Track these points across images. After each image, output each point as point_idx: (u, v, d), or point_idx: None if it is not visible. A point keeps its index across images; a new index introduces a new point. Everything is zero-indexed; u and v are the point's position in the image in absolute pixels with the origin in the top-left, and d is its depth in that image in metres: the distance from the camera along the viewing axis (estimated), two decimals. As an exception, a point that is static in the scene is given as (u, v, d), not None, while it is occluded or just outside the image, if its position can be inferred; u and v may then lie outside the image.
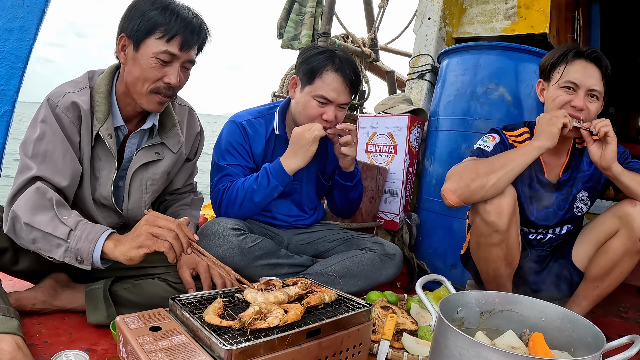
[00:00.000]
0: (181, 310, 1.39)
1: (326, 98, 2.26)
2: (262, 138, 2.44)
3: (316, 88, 2.26)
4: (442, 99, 3.09)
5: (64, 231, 1.60)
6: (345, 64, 2.27)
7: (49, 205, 1.65)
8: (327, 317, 1.42)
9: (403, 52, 5.87)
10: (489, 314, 1.44)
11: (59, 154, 1.76)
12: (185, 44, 1.79)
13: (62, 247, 1.60)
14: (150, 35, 1.75)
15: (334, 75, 2.25)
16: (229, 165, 2.37)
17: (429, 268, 2.96)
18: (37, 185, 1.69)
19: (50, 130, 1.76)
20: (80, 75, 1.94)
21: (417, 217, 3.08)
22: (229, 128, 2.44)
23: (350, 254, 2.42)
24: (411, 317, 2.03)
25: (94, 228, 1.62)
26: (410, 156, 3.23)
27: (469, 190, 1.97)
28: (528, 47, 2.87)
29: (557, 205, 2.24)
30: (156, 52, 1.75)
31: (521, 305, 1.43)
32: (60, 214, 1.64)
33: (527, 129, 2.28)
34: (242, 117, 2.45)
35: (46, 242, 1.62)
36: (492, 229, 1.98)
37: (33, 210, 1.63)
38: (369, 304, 1.54)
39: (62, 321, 1.90)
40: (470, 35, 3.73)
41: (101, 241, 1.60)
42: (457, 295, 1.39)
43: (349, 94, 2.30)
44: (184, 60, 1.83)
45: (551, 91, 2.15)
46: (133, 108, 1.92)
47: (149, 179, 2.00)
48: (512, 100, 2.83)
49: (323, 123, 2.28)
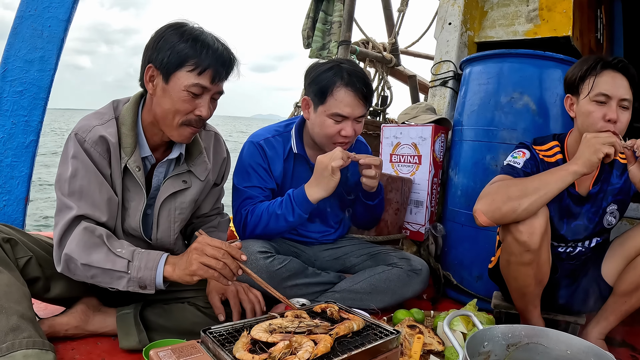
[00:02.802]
0: (213, 343, 1.40)
1: (341, 115, 2.25)
2: (280, 157, 2.44)
3: (329, 107, 2.26)
4: (466, 108, 3.06)
5: (123, 264, 1.69)
6: (354, 77, 2.26)
7: (99, 242, 1.72)
8: (356, 346, 1.43)
9: (424, 54, 5.84)
10: (515, 346, 1.44)
11: (94, 189, 1.79)
12: (217, 76, 1.80)
13: (125, 279, 1.70)
14: (181, 68, 1.76)
15: (345, 90, 2.24)
16: (248, 188, 2.38)
17: (455, 279, 2.94)
18: (85, 225, 1.74)
19: (82, 165, 1.78)
20: (105, 106, 1.95)
21: (442, 227, 3.06)
22: (248, 149, 2.44)
23: (377, 270, 2.42)
24: (438, 336, 2.02)
25: (150, 255, 1.72)
26: (435, 166, 3.21)
27: (500, 212, 1.94)
28: (552, 54, 2.81)
29: (587, 219, 2.20)
30: (187, 85, 1.76)
31: (547, 338, 1.43)
32: (113, 247, 1.72)
33: (557, 143, 2.24)
34: (260, 137, 2.45)
35: (106, 277, 1.72)
36: (524, 248, 1.95)
37: (87, 250, 1.70)
38: (397, 330, 1.54)
39: (94, 346, 1.93)
40: (492, 39, 3.68)
41: (161, 267, 1.71)
42: (484, 331, 1.40)
43: (363, 106, 2.29)
44: (214, 92, 1.84)
45: (583, 106, 2.08)
46: (160, 138, 1.94)
47: (177, 208, 2.01)
48: (536, 109, 2.78)
49: (342, 139, 2.28)
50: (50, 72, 2.36)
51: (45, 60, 2.36)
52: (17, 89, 2.35)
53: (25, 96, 2.34)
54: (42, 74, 2.36)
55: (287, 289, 2.19)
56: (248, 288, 2.04)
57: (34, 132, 2.36)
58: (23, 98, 2.34)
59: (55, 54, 2.37)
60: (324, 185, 2.20)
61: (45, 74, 2.36)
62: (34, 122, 2.36)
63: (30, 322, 1.62)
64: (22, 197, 2.46)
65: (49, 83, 2.37)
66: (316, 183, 2.22)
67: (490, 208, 1.97)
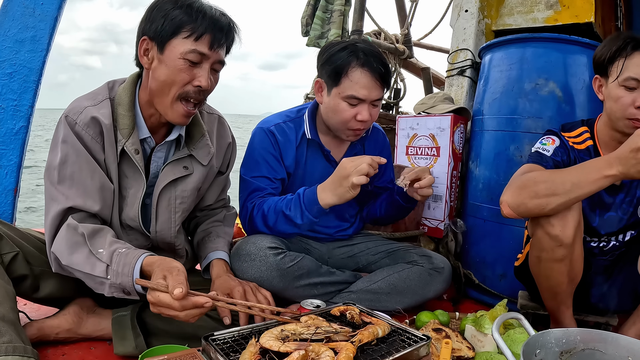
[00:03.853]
0: (216, 352, 1.22)
1: (357, 97, 2.10)
2: (292, 143, 2.27)
3: (344, 89, 2.10)
4: (487, 96, 2.89)
5: (102, 269, 1.54)
6: (371, 57, 2.10)
7: (81, 241, 1.57)
8: (382, 355, 1.25)
9: (437, 47, 5.68)
10: (569, 353, 1.27)
11: (86, 175, 1.64)
12: (215, 42, 1.65)
13: (106, 284, 1.55)
14: (177, 34, 1.62)
15: (361, 71, 2.09)
16: (256, 179, 2.21)
17: (477, 278, 2.77)
18: (68, 222, 1.60)
19: (72, 150, 1.63)
20: (99, 87, 1.80)
21: (463, 223, 2.89)
22: (258, 136, 2.27)
23: (396, 268, 2.26)
24: (467, 341, 1.84)
25: (127, 258, 1.53)
26: (455, 159, 3.04)
27: (526, 208, 1.77)
28: (578, 38, 2.65)
29: (621, 210, 2.05)
30: (184, 52, 1.61)
31: (605, 343, 1.25)
32: (94, 248, 1.56)
33: (586, 129, 2.09)
34: (271, 122, 2.29)
35: (90, 281, 1.59)
36: (556, 243, 1.77)
37: (69, 249, 1.58)
38: (427, 336, 1.37)
39: (87, 351, 1.76)
40: (511, 27, 3.52)
41: (137, 272, 1.51)
42: (537, 337, 1.23)
43: (380, 88, 2.13)
44: (213, 60, 1.68)
45: (611, 89, 1.94)
46: (158, 119, 1.78)
47: (178, 197, 1.85)
48: (563, 96, 2.62)
49: (357, 125, 2.13)
50: (42, 52, 2.23)
51: (37, 40, 2.22)
52: (6, 70, 2.22)
53: (15, 79, 2.21)
54: (33, 55, 2.23)
55: (300, 289, 2.02)
56: (257, 287, 1.87)
57: (24, 117, 2.23)
58: (13, 81, 2.21)
59: (47, 34, 2.23)
60: (339, 195, 2.00)
61: (37, 55, 2.23)
62: (24, 107, 2.23)
63: (11, 324, 1.45)
64: (11, 189, 2.30)
65: (40, 65, 2.23)
66: (331, 188, 2.01)
67: (516, 202, 1.80)
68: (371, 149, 2.48)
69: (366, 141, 2.46)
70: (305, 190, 2.10)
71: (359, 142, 2.42)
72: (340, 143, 2.39)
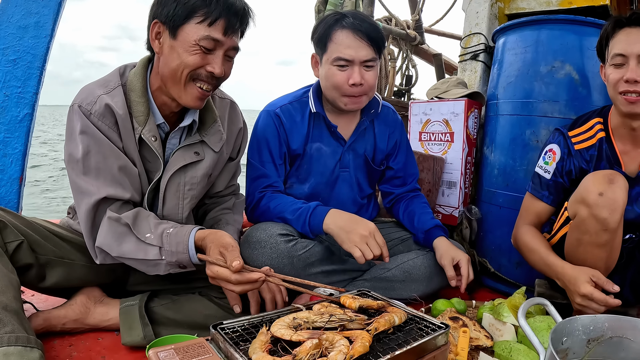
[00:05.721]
0: (224, 342, 1.17)
1: (343, 58, 2.08)
2: (299, 124, 2.24)
3: (331, 53, 2.10)
4: (501, 80, 2.82)
5: (155, 252, 1.59)
6: (354, 19, 2.09)
7: (127, 231, 1.61)
8: (399, 344, 1.20)
9: (449, 33, 5.59)
10: (596, 341, 1.20)
11: (112, 163, 1.61)
12: (230, 27, 1.59)
13: (161, 265, 1.61)
14: (189, 19, 1.56)
15: (344, 32, 2.08)
16: (262, 164, 2.19)
17: (492, 266, 2.70)
18: (109, 215, 1.59)
19: (93, 141, 1.59)
20: (110, 72, 1.75)
21: (477, 210, 2.82)
22: (263, 119, 2.24)
23: (410, 255, 2.21)
24: (484, 329, 1.78)
25: (177, 237, 1.59)
26: (469, 144, 2.97)
27: None
28: (594, 19, 2.58)
29: (636, 204, 1.97)
30: (197, 38, 1.55)
31: (635, 330, 1.19)
32: (141, 234, 1.60)
33: (599, 120, 2.05)
34: (276, 105, 2.26)
35: (143, 265, 1.63)
36: (602, 226, 1.71)
37: (117, 241, 1.60)
38: (445, 324, 1.31)
39: (95, 342, 1.72)
40: (524, 10, 3.43)
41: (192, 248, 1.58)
42: (564, 324, 1.17)
43: (368, 47, 2.09)
44: (227, 46, 1.63)
45: (606, 72, 1.94)
46: (169, 106, 1.73)
47: (187, 183, 1.80)
48: (579, 79, 2.55)
49: (351, 89, 2.09)
50: (47, 39, 2.18)
51: (41, 26, 2.18)
52: (9, 57, 2.17)
53: (18, 65, 2.17)
54: (37, 41, 2.18)
55: (311, 277, 1.97)
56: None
57: (28, 104, 2.18)
58: (16, 67, 2.17)
59: (52, 19, 2.18)
60: (343, 235, 1.98)
61: (41, 41, 2.18)
62: (29, 94, 2.18)
63: (14, 314, 1.40)
64: (16, 177, 2.25)
65: (44, 51, 2.19)
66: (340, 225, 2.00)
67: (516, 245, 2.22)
68: (381, 129, 2.44)
69: (376, 120, 2.42)
70: (317, 207, 2.08)
71: (368, 119, 2.38)
72: (348, 120, 2.35)
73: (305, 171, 2.29)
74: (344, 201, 2.38)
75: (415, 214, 2.42)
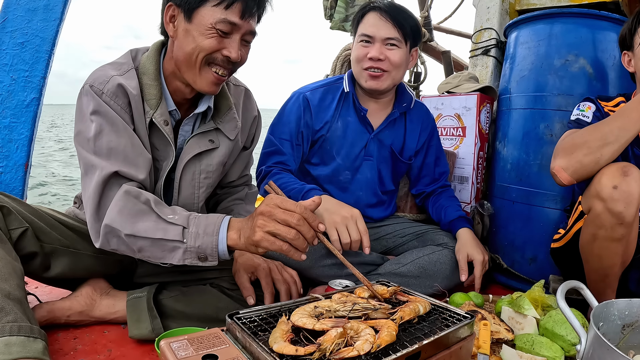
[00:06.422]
0: (242, 332, 1.11)
1: (366, 34, 2.23)
2: (327, 106, 2.34)
3: (359, 32, 2.27)
4: (514, 74, 2.78)
5: (177, 232, 1.41)
6: (382, 4, 2.26)
7: (146, 209, 1.44)
8: (425, 334, 1.14)
9: (457, 31, 5.55)
10: (631, 327, 1.15)
11: (126, 143, 1.53)
12: (247, 10, 1.53)
13: (180, 250, 1.42)
14: (205, 2, 1.50)
15: (371, 14, 2.25)
16: (280, 140, 2.26)
17: (505, 262, 2.65)
18: (126, 189, 1.46)
19: (106, 120, 1.51)
20: (122, 55, 1.69)
21: (490, 205, 2.77)
22: (292, 100, 2.33)
23: (425, 250, 2.17)
24: (504, 323, 1.73)
25: (209, 219, 1.43)
26: (481, 139, 2.93)
27: (582, 166, 1.72)
28: (607, 13, 2.56)
29: None
30: (214, 21, 1.50)
31: (669, 316, 1.14)
32: (163, 214, 1.44)
33: (623, 99, 2.02)
34: (307, 88, 2.36)
35: (157, 249, 1.43)
36: (617, 220, 1.65)
37: (131, 218, 1.43)
38: (471, 314, 1.26)
39: (100, 335, 1.66)
40: (535, 5, 3.39)
41: (224, 232, 1.41)
42: (601, 308, 1.13)
43: (392, 27, 2.20)
44: (244, 30, 1.57)
45: (637, 55, 1.90)
46: (182, 92, 1.68)
47: (203, 171, 1.75)
48: (594, 72, 2.51)
49: (369, 63, 2.23)
50: (56, 22, 2.14)
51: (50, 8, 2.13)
52: (17, 40, 2.12)
53: (26, 49, 2.12)
54: (46, 24, 2.14)
55: (326, 268, 1.94)
56: (282, 266, 1.77)
57: (35, 89, 2.13)
58: (24, 51, 2.12)
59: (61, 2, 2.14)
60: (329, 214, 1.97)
61: (50, 24, 2.14)
62: (36, 78, 2.13)
63: (17, 302, 1.33)
64: (22, 163, 2.19)
65: (54, 34, 2.14)
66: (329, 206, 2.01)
67: (570, 162, 1.75)
68: (413, 125, 2.50)
69: (408, 114, 2.48)
70: (311, 190, 2.10)
71: (399, 110, 2.43)
72: (378, 108, 2.41)
73: (329, 152, 2.33)
74: (365, 189, 2.41)
75: (443, 207, 2.47)
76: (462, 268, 2.15)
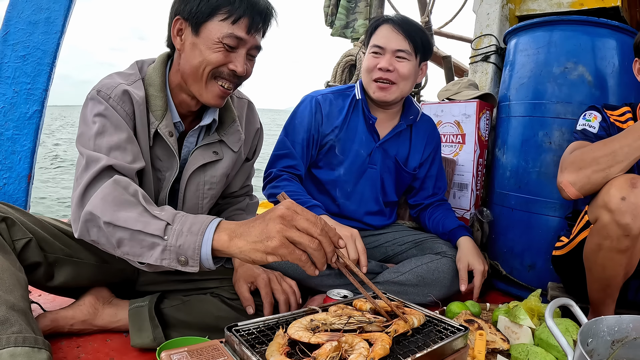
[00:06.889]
0: (240, 344, 1.13)
1: (377, 45, 2.28)
2: (337, 111, 2.39)
3: (371, 43, 2.32)
4: (513, 81, 2.79)
5: (159, 226, 1.27)
6: (395, 17, 2.31)
7: (133, 200, 1.34)
8: (419, 347, 1.16)
9: (458, 36, 5.58)
10: (620, 342, 1.17)
11: (127, 141, 1.53)
12: (253, 25, 1.57)
13: (159, 247, 1.26)
14: (213, 16, 1.54)
15: (384, 26, 2.30)
16: (292, 145, 2.32)
17: (504, 269, 2.67)
18: (115, 178, 1.39)
19: (110, 122, 1.53)
20: (129, 66, 1.72)
21: (489, 212, 2.79)
22: (303, 103, 2.39)
23: (424, 259, 2.18)
24: (500, 332, 1.75)
25: (196, 218, 1.28)
26: (480, 146, 2.94)
27: (590, 182, 1.72)
28: (606, 20, 2.55)
29: None
30: (221, 36, 1.53)
31: (659, 331, 1.15)
32: (150, 208, 1.32)
33: (628, 109, 2.01)
34: (319, 93, 2.42)
35: (136, 244, 1.29)
36: (624, 232, 1.64)
37: (114, 206, 1.32)
38: (465, 326, 1.27)
39: (103, 343, 1.68)
40: (535, 12, 3.41)
41: (210, 232, 1.25)
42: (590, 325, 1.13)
43: (403, 40, 2.25)
44: (250, 45, 1.60)
45: None
46: (187, 104, 1.70)
47: (207, 182, 1.78)
48: (593, 80, 2.52)
49: (378, 73, 2.28)
50: (57, 35, 2.17)
51: (52, 22, 2.16)
52: (19, 53, 2.15)
53: (28, 61, 2.15)
54: (47, 37, 2.16)
55: (325, 278, 1.96)
56: (281, 276, 1.79)
57: (37, 101, 2.16)
58: (26, 63, 2.15)
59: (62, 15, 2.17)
60: None
61: (51, 37, 2.16)
62: (38, 91, 2.16)
63: (21, 314, 1.34)
64: (25, 175, 2.22)
65: (55, 47, 2.17)
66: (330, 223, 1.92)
67: (578, 177, 1.75)
68: (419, 138, 2.54)
69: (414, 127, 2.51)
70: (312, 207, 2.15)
71: (406, 122, 2.46)
72: (386, 118, 2.46)
73: (335, 158, 2.38)
74: (367, 197, 2.45)
75: (441, 217, 2.50)
76: (462, 277, 2.16)
